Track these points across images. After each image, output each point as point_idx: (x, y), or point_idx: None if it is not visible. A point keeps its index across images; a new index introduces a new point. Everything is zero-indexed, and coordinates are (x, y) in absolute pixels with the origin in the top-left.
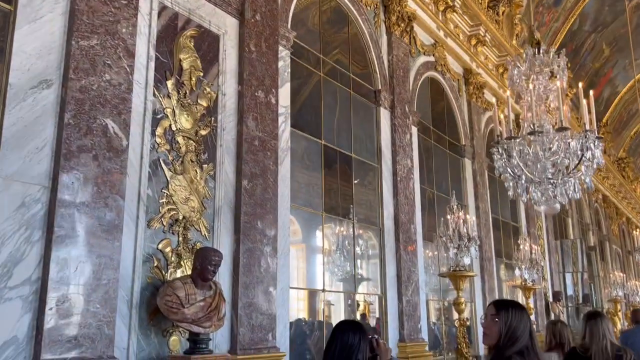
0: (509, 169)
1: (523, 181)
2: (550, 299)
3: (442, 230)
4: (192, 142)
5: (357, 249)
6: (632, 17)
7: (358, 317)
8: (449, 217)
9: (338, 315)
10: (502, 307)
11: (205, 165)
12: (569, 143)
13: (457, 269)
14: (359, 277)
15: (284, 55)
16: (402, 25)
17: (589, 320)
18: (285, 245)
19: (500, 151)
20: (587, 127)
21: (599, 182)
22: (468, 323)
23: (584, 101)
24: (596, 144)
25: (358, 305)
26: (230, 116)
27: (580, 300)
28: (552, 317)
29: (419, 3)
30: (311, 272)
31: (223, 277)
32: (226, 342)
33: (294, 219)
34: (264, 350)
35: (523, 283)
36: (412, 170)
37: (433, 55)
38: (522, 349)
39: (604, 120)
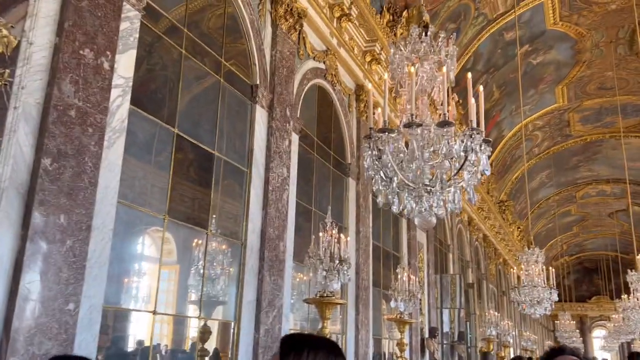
0: (381, 172)
1: (395, 185)
2: (427, 335)
3: (312, 250)
4: None
5: (215, 265)
6: (521, 63)
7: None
8: (321, 234)
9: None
10: (294, 348)
11: None
12: (451, 144)
13: (324, 294)
14: (213, 299)
15: (132, 17)
16: (291, 20)
17: None
18: (103, 250)
19: (370, 146)
20: (474, 126)
21: (481, 221)
22: None
23: (472, 100)
24: (483, 147)
25: (204, 333)
26: (38, 73)
27: (456, 338)
28: (427, 354)
29: (312, 3)
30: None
31: None
32: None
33: (169, 236)
34: None
35: (399, 316)
36: (287, 181)
37: (324, 62)
38: None
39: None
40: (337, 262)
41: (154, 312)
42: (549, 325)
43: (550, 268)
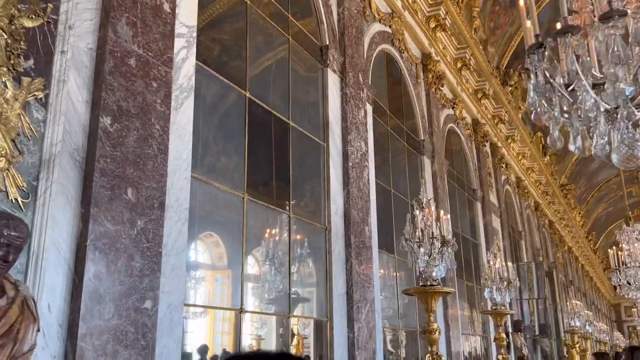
0: (557, 93)
1: (588, 107)
2: (510, 329)
3: (408, 231)
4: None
5: (298, 254)
6: None
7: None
8: (417, 213)
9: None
10: None
11: (26, 79)
12: None
13: (428, 283)
14: (295, 295)
15: None
16: None
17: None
18: (180, 234)
19: (541, 60)
20: None
21: (546, 206)
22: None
23: None
24: None
25: (293, 334)
26: (87, 12)
27: (537, 332)
28: (512, 350)
29: None
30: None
31: (54, 278)
32: None
33: (252, 220)
34: None
35: (494, 307)
36: (366, 157)
37: (390, 27)
38: None
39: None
40: (438, 244)
41: (242, 311)
42: (611, 316)
43: None
